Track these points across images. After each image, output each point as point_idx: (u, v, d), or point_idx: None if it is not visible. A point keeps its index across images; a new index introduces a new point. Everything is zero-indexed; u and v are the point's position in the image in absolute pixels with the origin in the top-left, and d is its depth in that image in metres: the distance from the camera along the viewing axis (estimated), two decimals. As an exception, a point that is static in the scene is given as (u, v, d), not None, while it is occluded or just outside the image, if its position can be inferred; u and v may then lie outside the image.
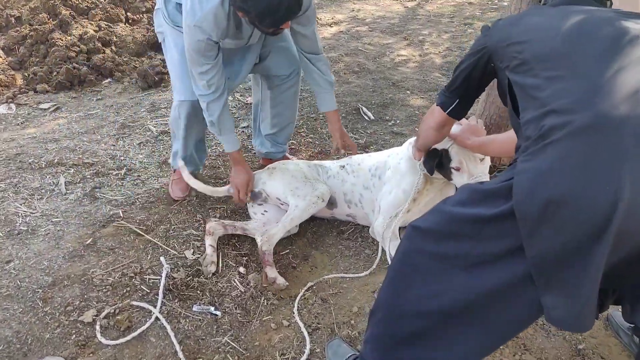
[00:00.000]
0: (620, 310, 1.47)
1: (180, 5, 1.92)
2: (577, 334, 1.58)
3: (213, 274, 1.83)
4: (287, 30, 1.98)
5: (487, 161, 1.79)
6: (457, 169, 1.74)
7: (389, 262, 1.89)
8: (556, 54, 0.95)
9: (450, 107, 1.38)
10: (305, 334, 1.60)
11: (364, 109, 3.15)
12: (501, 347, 1.53)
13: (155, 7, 2.11)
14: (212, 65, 1.85)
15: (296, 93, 2.34)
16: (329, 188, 2.03)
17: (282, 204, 2.07)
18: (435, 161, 1.76)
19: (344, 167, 2.13)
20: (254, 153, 2.65)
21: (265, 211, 2.10)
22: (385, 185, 1.99)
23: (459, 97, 1.35)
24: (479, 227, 0.96)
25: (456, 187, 2.12)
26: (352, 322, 1.66)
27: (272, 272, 1.81)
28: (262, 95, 2.39)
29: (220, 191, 2.14)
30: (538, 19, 1.07)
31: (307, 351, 1.54)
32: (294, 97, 2.34)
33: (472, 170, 1.72)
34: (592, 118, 0.82)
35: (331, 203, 2.10)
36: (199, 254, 1.95)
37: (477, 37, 1.28)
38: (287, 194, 1.99)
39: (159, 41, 2.17)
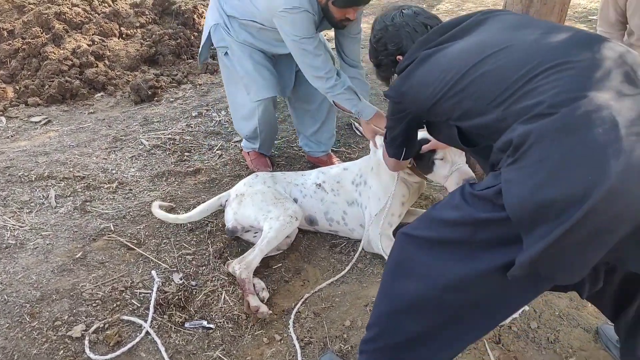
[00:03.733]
0: (609, 323, 1.50)
1: (243, 24, 2.23)
2: (567, 347, 1.60)
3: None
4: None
5: (463, 154, 1.88)
6: (442, 159, 1.82)
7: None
8: (500, 86, 1.01)
9: (402, 156, 1.55)
10: (298, 348, 1.59)
11: (356, 124, 3.19)
12: (493, 360, 1.55)
13: (213, 24, 2.32)
14: (319, 38, 2.07)
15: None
16: (299, 208, 2.02)
17: (256, 232, 2.05)
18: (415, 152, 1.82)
19: (320, 185, 2.11)
20: (302, 152, 2.83)
21: (255, 234, 2.06)
22: (371, 193, 2.02)
23: (405, 147, 1.52)
24: (473, 228, 0.99)
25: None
26: (345, 336, 1.65)
27: (254, 300, 1.71)
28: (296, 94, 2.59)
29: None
30: (441, 68, 1.13)
31: (299, 365, 1.54)
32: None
33: (455, 159, 1.82)
34: (558, 120, 0.88)
35: (312, 221, 2.11)
36: (187, 276, 1.93)
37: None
38: (260, 219, 1.94)
39: (218, 55, 2.41)
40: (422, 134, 1.80)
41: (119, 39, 4.20)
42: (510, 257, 0.94)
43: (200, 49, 2.52)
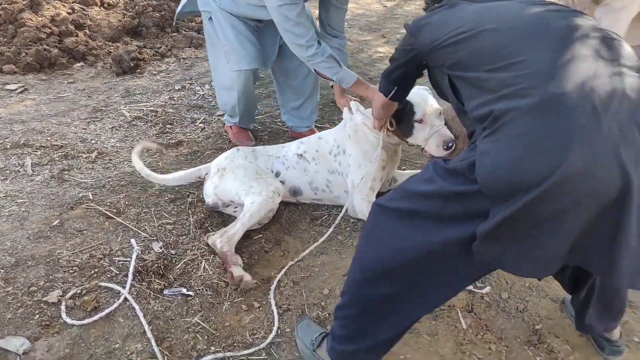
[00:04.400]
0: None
1: None
2: (535, 316, 1.65)
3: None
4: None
5: (442, 115, 1.91)
6: (420, 121, 1.85)
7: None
8: (491, 50, 1.02)
9: (391, 94, 1.54)
10: (275, 313, 1.62)
11: (341, 101, 3.18)
12: (465, 327, 1.59)
13: None
14: (302, 5, 2.02)
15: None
16: (281, 184, 2.02)
17: (236, 207, 2.03)
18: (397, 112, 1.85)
19: (301, 155, 2.12)
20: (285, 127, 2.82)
21: (236, 208, 2.05)
22: (351, 160, 2.04)
23: (396, 85, 1.51)
24: (444, 201, 1.01)
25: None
26: (323, 303, 1.68)
27: (237, 270, 1.71)
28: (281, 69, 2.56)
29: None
30: (457, 16, 1.14)
31: (274, 329, 1.56)
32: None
33: (433, 121, 1.85)
34: (540, 99, 0.89)
35: (295, 192, 2.12)
36: (167, 245, 1.93)
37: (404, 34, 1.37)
38: (241, 194, 1.92)
39: (203, 19, 2.39)
40: (416, 96, 1.85)
41: (100, 8, 4.08)
42: (475, 230, 0.96)
43: (178, 9, 2.53)
